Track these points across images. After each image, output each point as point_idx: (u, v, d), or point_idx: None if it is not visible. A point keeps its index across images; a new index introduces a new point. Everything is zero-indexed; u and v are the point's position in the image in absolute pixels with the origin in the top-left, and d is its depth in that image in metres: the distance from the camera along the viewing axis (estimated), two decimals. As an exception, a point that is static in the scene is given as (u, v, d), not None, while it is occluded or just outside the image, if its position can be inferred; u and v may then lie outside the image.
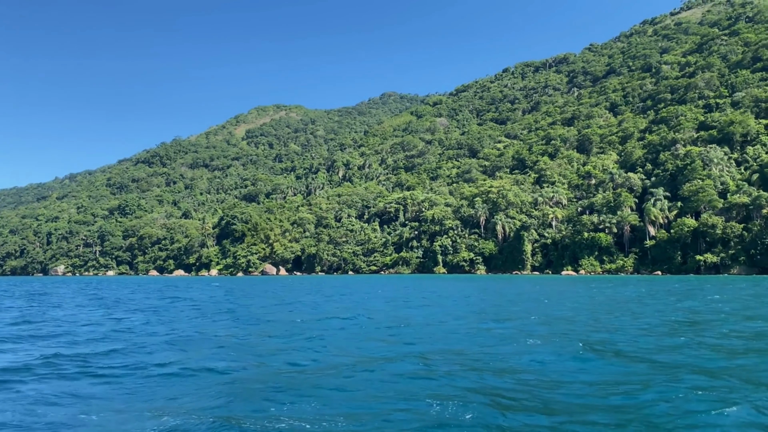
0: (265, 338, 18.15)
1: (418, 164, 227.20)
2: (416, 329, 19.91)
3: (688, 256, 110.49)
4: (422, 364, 12.87)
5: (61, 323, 23.47)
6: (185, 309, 30.81)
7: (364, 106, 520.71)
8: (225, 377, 11.96)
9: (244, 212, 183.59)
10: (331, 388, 10.84)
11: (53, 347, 16.33)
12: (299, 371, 12.55)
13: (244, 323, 22.88)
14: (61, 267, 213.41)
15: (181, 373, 12.40)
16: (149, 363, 13.62)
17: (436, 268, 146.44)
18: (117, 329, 20.87)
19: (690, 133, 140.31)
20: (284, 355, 14.86)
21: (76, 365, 13.37)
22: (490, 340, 16.90)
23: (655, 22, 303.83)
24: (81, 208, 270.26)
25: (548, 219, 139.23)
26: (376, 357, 14.14)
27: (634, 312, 25.97)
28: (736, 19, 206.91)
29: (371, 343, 16.60)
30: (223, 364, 13.26)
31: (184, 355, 14.90)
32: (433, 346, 15.74)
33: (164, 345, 16.71)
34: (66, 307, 32.94)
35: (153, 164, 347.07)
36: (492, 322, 22.32)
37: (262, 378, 11.74)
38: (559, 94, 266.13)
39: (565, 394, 10.27)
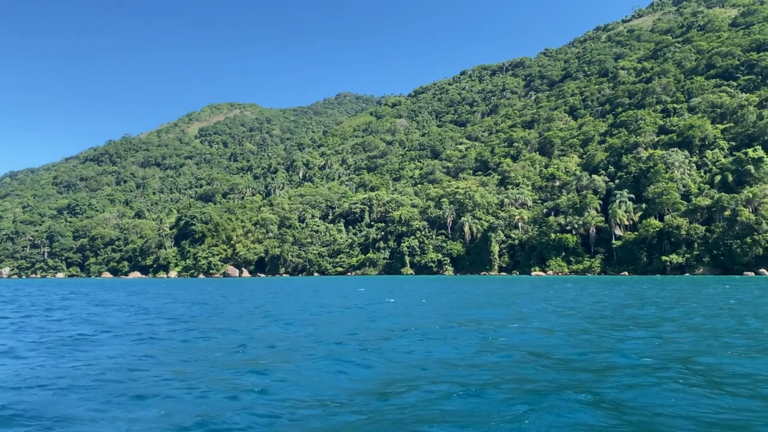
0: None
1: (380, 165, 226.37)
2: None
3: (653, 256, 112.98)
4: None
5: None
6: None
7: (320, 105, 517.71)
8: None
9: (204, 212, 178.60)
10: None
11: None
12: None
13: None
14: (6, 269, 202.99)
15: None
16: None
17: (404, 269, 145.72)
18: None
19: (651, 136, 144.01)
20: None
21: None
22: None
23: (608, 28, 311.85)
24: (27, 208, 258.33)
25: (515, 220, 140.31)
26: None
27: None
28: (689, 28, 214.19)
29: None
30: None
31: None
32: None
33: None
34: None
35: (102, 162, 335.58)
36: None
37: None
38: (517, 98, 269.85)
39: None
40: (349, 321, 23.54)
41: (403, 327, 20.41)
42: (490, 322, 22.11)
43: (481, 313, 26.45)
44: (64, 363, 13.79)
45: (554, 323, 21.37)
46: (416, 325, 20.96)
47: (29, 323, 23.82)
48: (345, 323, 22.71)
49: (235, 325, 22.56)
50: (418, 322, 22.83)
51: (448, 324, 21.37)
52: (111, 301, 40.68)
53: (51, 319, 26.13)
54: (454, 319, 23.45)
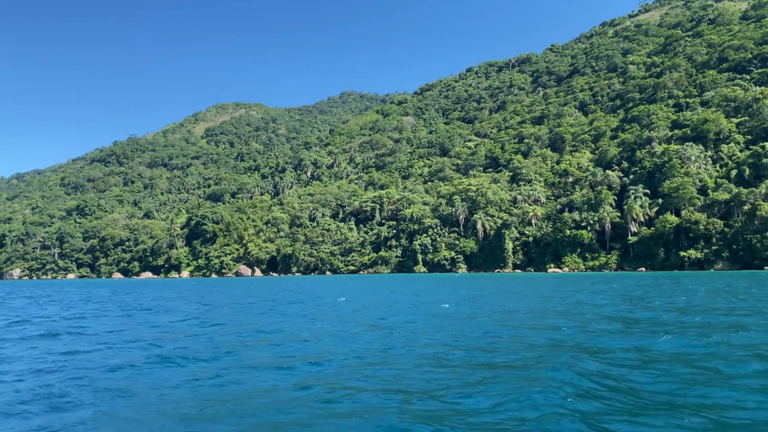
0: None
1: (389, 163, 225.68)
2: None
3: (671, 252, 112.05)
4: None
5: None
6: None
7: (324, 104, 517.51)
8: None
9: (215, 212, 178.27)
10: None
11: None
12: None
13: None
14: (17, 270, 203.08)
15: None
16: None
17: (416, 267, 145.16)
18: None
19: (664, 131, 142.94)
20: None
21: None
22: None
23: (615, 23, 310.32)
24: (36, 209, 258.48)
25: (528, 217, 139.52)
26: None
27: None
28: (699, 21, 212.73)
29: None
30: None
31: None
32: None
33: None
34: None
35: (109, 163, 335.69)
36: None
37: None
38: (525, 94, 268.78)
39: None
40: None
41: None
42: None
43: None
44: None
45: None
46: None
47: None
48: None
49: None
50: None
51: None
52: (215, 302, 38.17)
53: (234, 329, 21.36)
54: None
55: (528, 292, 42.94)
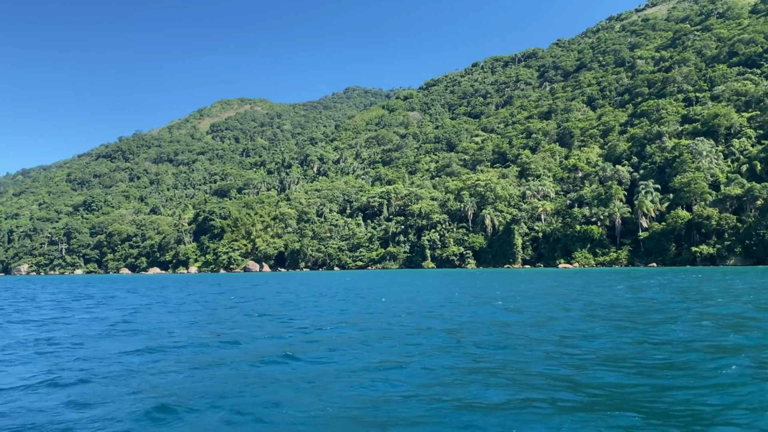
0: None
1: (395, 158, 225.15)
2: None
3: (682, 247, 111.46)
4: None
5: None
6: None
7: (329, 100, 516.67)
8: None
9: (223, 207, 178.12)
10: None
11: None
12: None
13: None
14: (25, 266, 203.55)
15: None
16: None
17: (425, 262, 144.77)
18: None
19: (674, 126, 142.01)
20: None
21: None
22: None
23: (621, 18, 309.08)
24: (43, 205, 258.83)
25: (537, 212, 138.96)
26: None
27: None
28: (707, 15, 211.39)
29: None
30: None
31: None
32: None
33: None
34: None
35: (115, 159, 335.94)
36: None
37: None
38: (531, 89, 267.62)
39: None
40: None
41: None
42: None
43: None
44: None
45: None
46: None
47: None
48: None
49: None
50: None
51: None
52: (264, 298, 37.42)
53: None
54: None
55: (577, 289, 42.55)
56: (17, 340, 17.99)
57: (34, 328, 21.66)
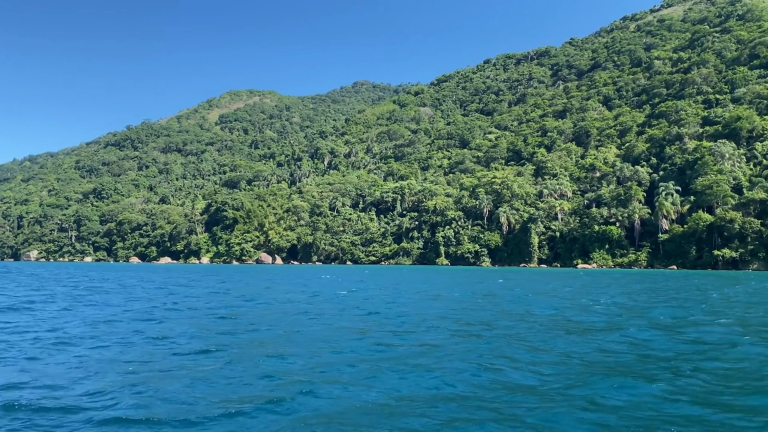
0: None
1: (407, 154, 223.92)
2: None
3: (703, 250, 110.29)
4: None
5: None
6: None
7: (337, 94, 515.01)
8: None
9: (235, 198, 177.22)
10: None
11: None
12: None
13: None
14: (35, 252, 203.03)
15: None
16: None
17: (438, 259, 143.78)
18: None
19: (695, 128, 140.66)
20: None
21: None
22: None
23: (636, 18, 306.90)
24: (52, 191, 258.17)
25: (554, 211, 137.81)
26: None
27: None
28: (727, 17, 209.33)
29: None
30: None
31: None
32: None
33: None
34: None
35: (124, 147, 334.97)
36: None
37: None
38: (544, 87, 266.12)
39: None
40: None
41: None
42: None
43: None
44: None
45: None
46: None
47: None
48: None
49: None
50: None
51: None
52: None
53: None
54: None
55: (661, 294, 41.51)
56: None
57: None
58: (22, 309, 23.02)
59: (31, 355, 12.78)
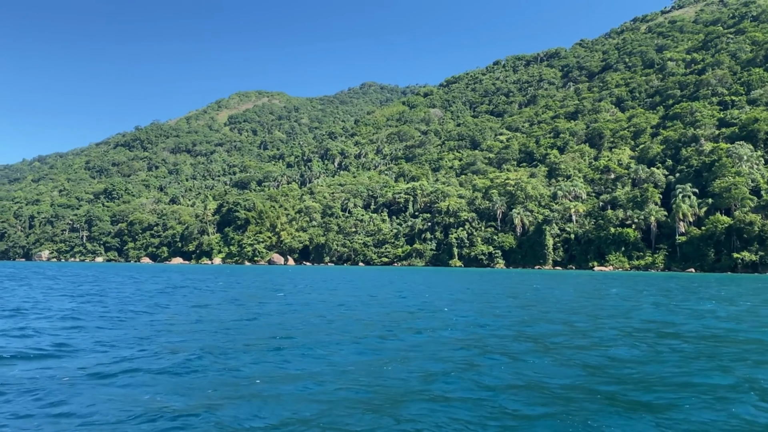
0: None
1: (418, 155, 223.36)
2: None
3: (722, 253, 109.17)
4: None
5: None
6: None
7: (345, 95, 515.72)
8: None
9: (247, 199, 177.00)
10: None
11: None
12: None
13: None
14: (46, 252, 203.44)
15: None
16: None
17: (452, 261, 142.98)
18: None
19: (711, 129, 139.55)
20: None
21: None
22: None
23: (647, 19, 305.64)
24: (63, 191, 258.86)
25: (569, 213, 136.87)
26: None
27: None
28: (741, 18, 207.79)
29: None
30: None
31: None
32: None
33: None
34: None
35: (134, 148, 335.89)
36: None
37: None
38: (555, 88, 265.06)
39: None
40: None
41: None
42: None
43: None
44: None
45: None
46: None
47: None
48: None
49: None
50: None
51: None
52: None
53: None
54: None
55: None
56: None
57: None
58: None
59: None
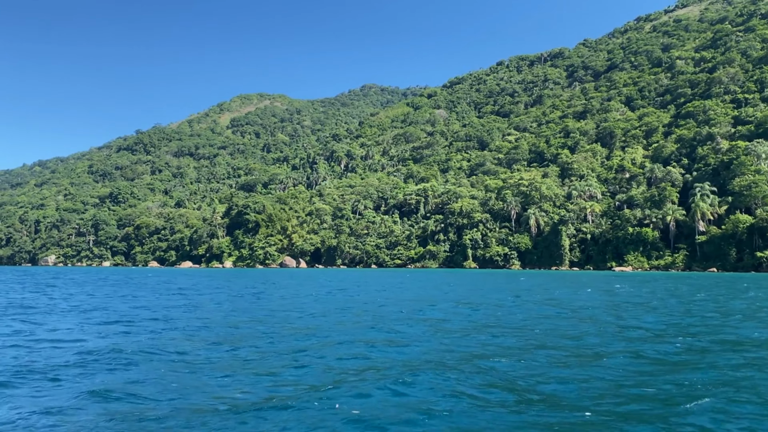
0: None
1: (426, 156, 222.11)
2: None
3: (743, 252, 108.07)
4: None
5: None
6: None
7: (346, 97, 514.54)
8: None
9: (257, 202, 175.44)
10: None
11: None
12: None
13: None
14: (52, 257, 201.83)
15: None
16: None
17: (466, 262, 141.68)
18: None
19: (726, 127, 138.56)
20: None
21: None
22: None
23: (651, 19, 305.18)
24: (68, 196, 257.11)
25: (584, 213, 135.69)
26: None
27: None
28: (750, 16, 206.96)
29: None
30: None
31: None
32: None
33: None
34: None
35: (136, 152, 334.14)
36: None
37: None
38: (560, 88, 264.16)
39: None
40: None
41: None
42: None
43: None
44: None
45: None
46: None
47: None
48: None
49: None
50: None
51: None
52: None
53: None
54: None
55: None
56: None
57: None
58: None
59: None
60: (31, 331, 18.17)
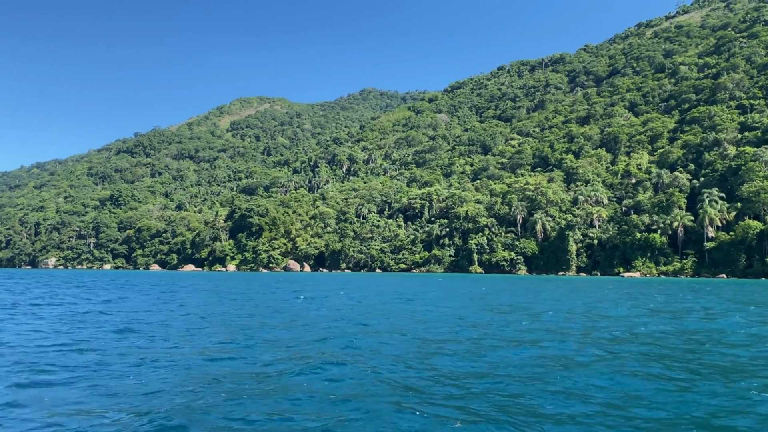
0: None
1: (428, 160, 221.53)
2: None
3: (753, 258, 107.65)
4: None
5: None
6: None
7: (345, 101, 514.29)
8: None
9: (260, 205, 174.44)
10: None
11: None
12: None
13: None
14: (53, 259, 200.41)
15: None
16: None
17: (472, 267, 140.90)
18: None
19: (733, 133, 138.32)
20: None
21: None
22: None
23: (652, 25, 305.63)
24: (69, 198, 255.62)
25: (591, 218, 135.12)
26: None
27: None
28: (753, 22, 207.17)
29: None
30: None
31: None
32: None
33: None
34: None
35: (136, 154, 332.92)
36: None
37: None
38: (562, 93, 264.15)
39: None
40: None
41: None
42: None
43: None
44: None
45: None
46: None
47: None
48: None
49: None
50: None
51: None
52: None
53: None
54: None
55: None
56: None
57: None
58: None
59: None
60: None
